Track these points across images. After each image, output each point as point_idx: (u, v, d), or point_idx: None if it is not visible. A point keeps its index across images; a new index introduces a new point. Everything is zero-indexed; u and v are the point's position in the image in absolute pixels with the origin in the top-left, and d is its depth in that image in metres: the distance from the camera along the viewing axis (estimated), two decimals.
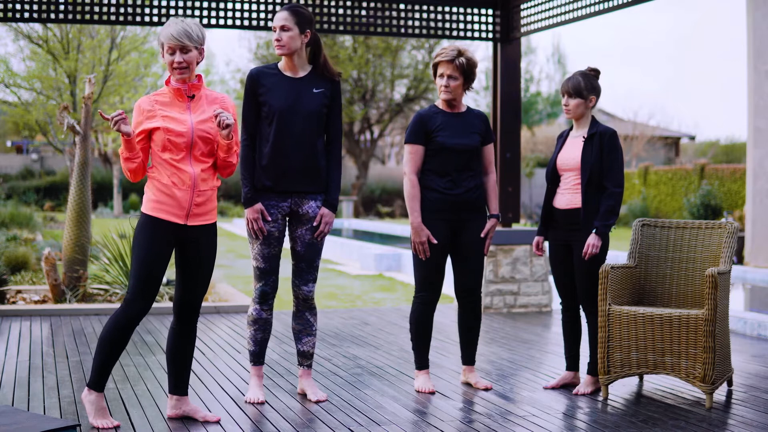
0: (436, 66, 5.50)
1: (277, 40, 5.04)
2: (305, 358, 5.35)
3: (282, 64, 5.16)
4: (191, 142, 4.52)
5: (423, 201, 5.43)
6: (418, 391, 5.48)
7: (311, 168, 5.09)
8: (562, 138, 5.69)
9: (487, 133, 5.56)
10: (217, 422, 4.72)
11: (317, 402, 5.20)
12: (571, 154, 5.53)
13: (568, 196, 5.53)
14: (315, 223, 5.14)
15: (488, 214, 5.61)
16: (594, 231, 5.37)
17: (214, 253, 4.72)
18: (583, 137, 5.51)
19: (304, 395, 5.34)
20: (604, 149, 5.42)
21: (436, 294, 5.53)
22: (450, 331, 7.74)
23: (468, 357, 5.67)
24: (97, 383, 4.58)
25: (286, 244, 5.20)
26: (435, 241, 5.39)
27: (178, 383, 4.76)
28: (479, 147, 5.51)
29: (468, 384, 5.68)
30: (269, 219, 5.08)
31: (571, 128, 5.69)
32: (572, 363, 5.71)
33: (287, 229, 5.20)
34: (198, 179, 4.55)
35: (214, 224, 4.70)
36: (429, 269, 5.46)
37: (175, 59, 4.49)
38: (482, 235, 5.51)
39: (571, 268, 5.59)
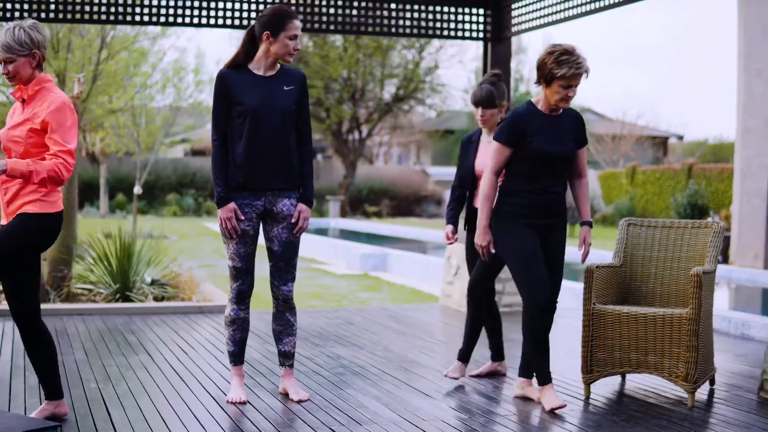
0: (554, 73, 4.99)
1: (296, 50, 5.06)
2: (287, 358, 5.33)
3: (254, 64, 5.12)
4: None
5: (505, 205, 5.19)
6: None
7: (285, 165, 5.08)
8: (473, 144, 5.85)
9: (582, 135, 5.27)
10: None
11: (299, 401, 5.18)
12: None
13: None
14: (293, 220, 5.12)
15: (581, 220, 5.33)
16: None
17: None
18: None
19: (286, 395, 5.32)
20: None
21: (547, 295, 5.15)
22: (434, 330, 7.72)
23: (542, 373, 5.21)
24: None
25: (261, 241, 5.18)
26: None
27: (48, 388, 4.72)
28: (574, 152, 5.25)
29: (527, 398, 5.37)
30: (243, 218, 5.05)
31: (477, 133, 5.87)
32: (497, 353, 5.92)
33: (262, 229, 5.18)
34: None
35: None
36: (537, 271, 5.09)
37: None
38: (580, 244, 5.25)
39: (485, 263, 5.65)
